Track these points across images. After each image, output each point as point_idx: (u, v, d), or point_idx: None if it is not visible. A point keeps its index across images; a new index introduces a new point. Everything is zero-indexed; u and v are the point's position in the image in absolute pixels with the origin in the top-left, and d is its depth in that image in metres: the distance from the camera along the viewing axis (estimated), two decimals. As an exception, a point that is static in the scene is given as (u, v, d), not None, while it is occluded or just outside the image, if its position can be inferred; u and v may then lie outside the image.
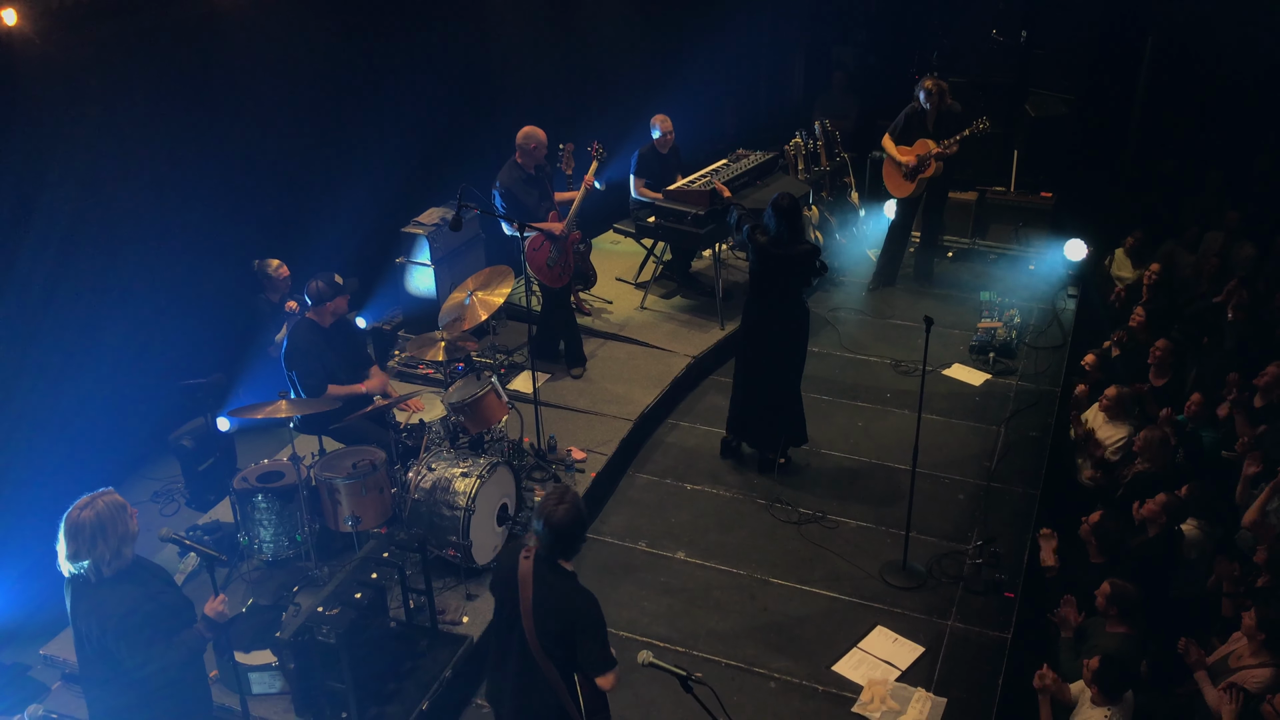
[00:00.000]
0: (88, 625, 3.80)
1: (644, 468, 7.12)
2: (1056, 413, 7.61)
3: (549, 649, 3.87)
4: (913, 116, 8.76)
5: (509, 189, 7.23)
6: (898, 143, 8.84)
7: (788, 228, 6.29)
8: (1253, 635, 4.76)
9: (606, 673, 3.87)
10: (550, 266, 7.32)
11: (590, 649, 3.84)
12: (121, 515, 3.79)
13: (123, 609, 3.77)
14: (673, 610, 5.88)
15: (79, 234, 6.13)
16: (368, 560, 5.22)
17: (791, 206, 6.30)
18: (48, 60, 5.74)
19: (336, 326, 6.12)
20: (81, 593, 3.81)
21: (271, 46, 7.18)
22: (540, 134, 7.24)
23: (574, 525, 3.88)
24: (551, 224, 7.28)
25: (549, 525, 3.85)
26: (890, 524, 6.44)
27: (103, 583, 3.79)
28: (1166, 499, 5.54)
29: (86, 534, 3.71)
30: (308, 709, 4.93)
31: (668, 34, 10.81)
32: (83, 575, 3.78)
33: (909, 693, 5.29)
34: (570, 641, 3.85)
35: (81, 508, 3.75)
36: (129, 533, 3.81)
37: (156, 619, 3.86)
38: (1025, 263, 9.71)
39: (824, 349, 8.46)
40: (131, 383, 6.43)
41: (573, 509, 3.88)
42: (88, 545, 3.72)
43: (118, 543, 3.76)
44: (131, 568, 3.90)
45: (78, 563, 3.75)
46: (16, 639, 5.58)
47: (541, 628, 3.85)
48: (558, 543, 3.88)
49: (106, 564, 3.76)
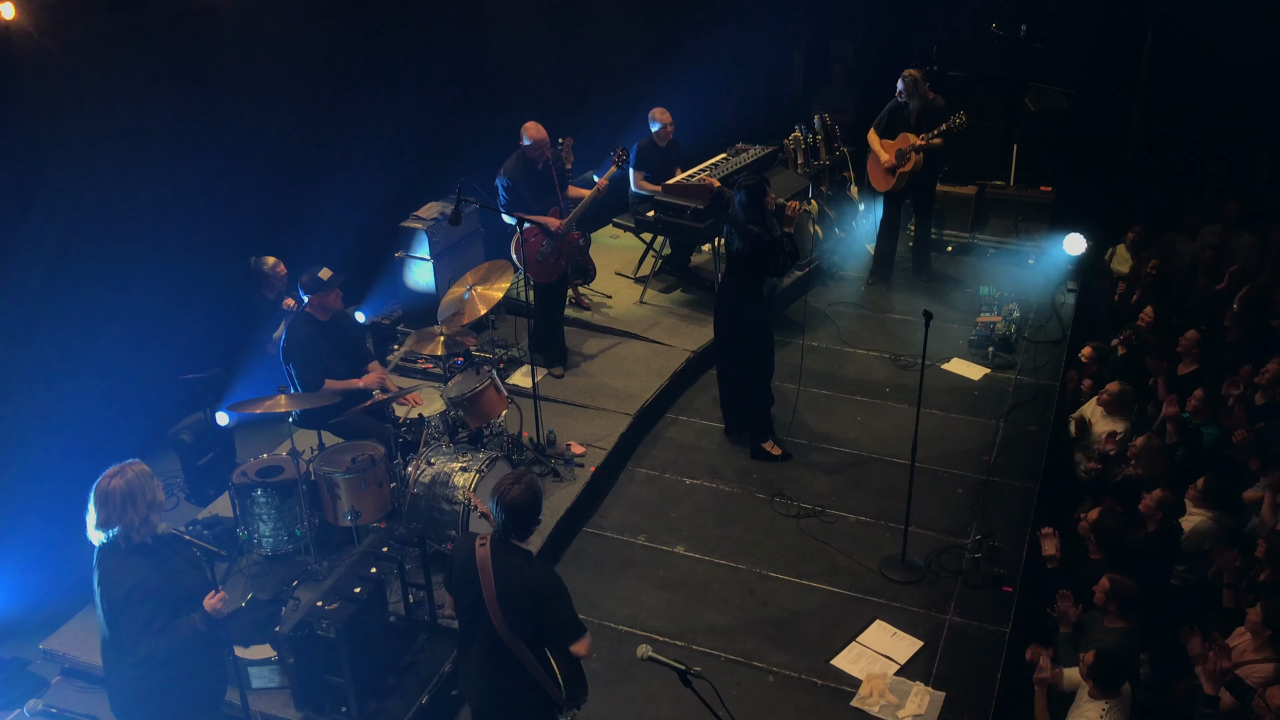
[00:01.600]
0: (104, 590, 3.91)
1: (643, 462, 7.12)
2: (1055, 407, 7.61)
3: (517, 629, 3.93)
4: (895, 110, 8.76)
5: (513, 181, 7.19)
6: (882, 137, 8.84)
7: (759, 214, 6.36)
8: (1258, 631, 4.75)
9: (579, 640, 3.97)
10: (540, 261, 7.28)
11: (559, 619, 3.94)
12: (149, 484, 3.91)
13: (133, 580, 3.86)
14: (672, 604, 5.89)
15: (77, 229, 6.13)
16: (367, 555, 5.23)
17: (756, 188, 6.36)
18: (45, 55, 5.73)
19: (334, 321, 6.11)
20: (109, 560, 3.91)
21: (269, 41, 7.16)
22: (542, 132, 7.17)
23: (528, 504, 3.98)
24: (550, 219, 7.27)
25: (503, 503, 3.95)
26: (889, 518, 6.45)
27: (131, 549, 3.90)
28: (1164, 495, 5.55)
29: (116, 501, 3.83)
30: (307, 703, 4.93)
31: (667, 27, 10.78)
32: (112, 543, 3.89)
33: (908, 687, 5.30)
34: (538, 618, 3.93)
35: (111, 476, 3.86)
36: (156, 501, 3.93)
37: (164, 598, 3.92)
38: (1025, 257, 9.70)
39: (823, 343, 8.46)
40: (130, 378, 6.42)
41: (528, 489, 3.98)
42: (118, 512, 3.83)
43: (146, 509, 3.88)
44: (158, 543, 4.00)
45: (108, 530, 3.86)
46: (16, 634, 5.60)
47: (507, 609, 3.92)
48: (512, 521, 3.97)
49: (136, 530, 3.87)
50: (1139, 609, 4.96)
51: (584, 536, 6.42)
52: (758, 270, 6.47)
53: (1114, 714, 4.53)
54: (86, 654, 5.33)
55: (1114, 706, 4.55)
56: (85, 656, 5.32)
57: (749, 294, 6.55)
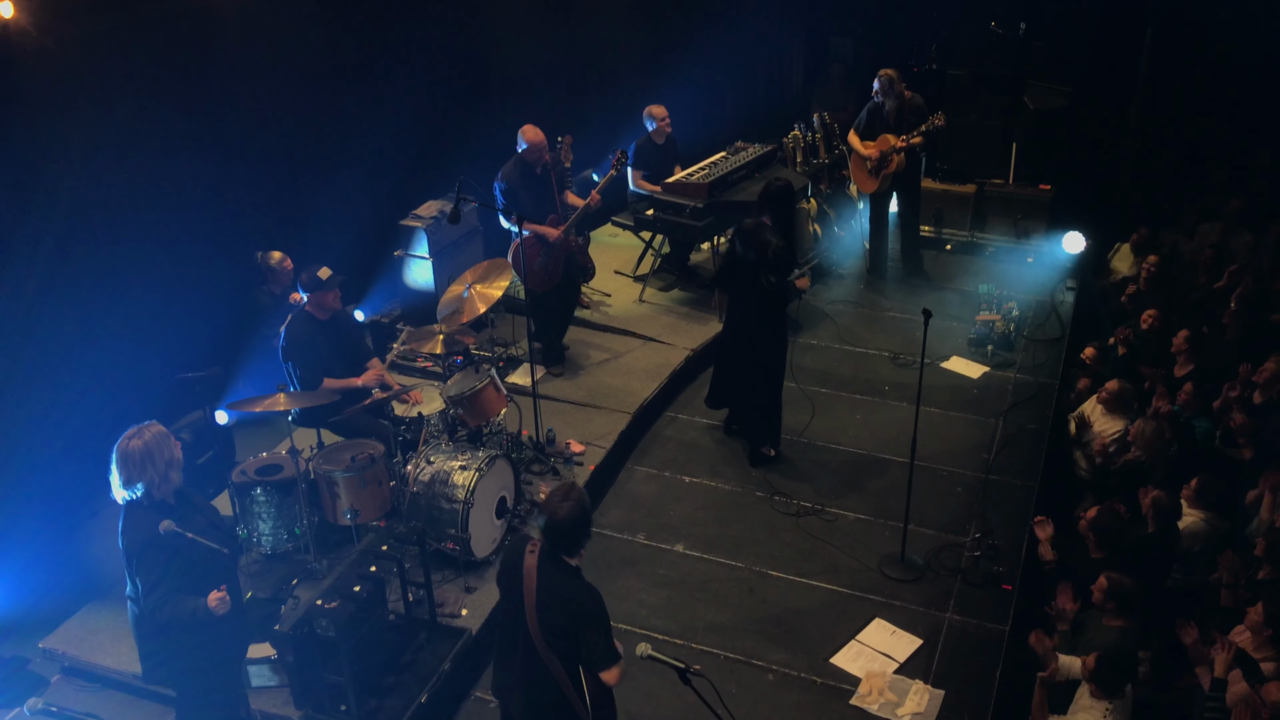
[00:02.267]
0: (126, 544, 4.11)
1: (643, 460, 7.12)
2: (1055, 405, 7.61)
3: (552, 643, 3.88)
4: (873, 111, 8.76)
5: (510, 185, 7.15)
6: (862, 139, 8.84)
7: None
8: (1259, 630, 4.74)
9: (611, 667, 3.88)
10: (537, 269, 7.26)
11: (594, 643, 3.85)
12: (166, 443, 4.14)
13: (149, 535, 4.03)
14: (671, 603, 5.89)
15: (76, 227, 6.11)
16: (366, 553, 5.23)
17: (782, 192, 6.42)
18: (44, 53, 5.72)
19: (334, 320, 6.11)
20: (132, 515, 4.12)
21: (268, 38, 7.15)
22: (539, 133, 7.14)
23: (577, 523, 3.89)
24: (549, 229, 7.21)
25: (552, 522, 3.86)
26: (888, 516, 6.45)
27: (154, 505, 4.11)
28: (1159, 496, 5.55)
29: (136, 460, 4.05)
30: (307, 701, 4.93)
31: (666, 25, 10.77)
32: (136, 500, 4.11)
33: (907, 685, 5.30)
34: (574, 636, 3.86)
35: (130, 437, 4.09)
36: (175, 459, 4.15)
37: (183, 555, 4.06)
38: (1024, 255, 9.70)
39: (822, 342, 8.47)
40: (129, 376, 6.42)
41: (577, 506, 3.89)
42: (138, 470, 4.05)
43: (165, 467, 4.10)
44: (179, 501, 4.21)
45: (131, 488, 4.08)
46: (16, 632, 5.60)
47: (545, 622, 3.86)
48: (561, 539, 3.89)
49: (157, 487, 4.09)
50: (1137, 607, 4.96)
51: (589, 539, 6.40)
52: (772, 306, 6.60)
53: (1116, 715, 4.53)
54: (86, 653, 5.33)
55: (1117, 708, 4.54)
56: (85, 655, 5.32)
57: (780, 309, 6.69)
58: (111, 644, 5.33)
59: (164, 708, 5.12)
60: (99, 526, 6.21)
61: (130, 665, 5.18)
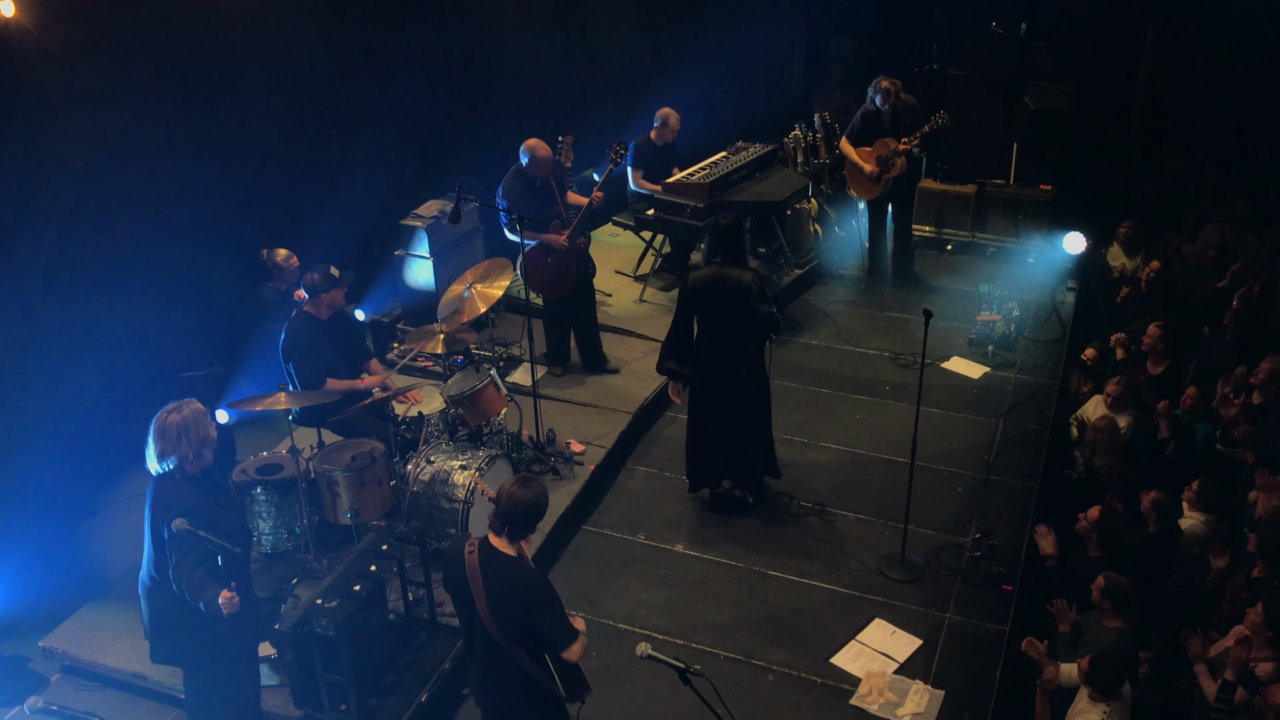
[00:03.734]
0: (153, 514, 4.24)
1: (643, 460, 7.12)
2: (1055, 406, 7.61)
3: (513, 634, 3.93)
4: (869, 117, 8.69)
5: (512, 200, 7.04)
6: (856, 144, 8.78)
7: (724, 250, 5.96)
8: (1259, 631, 4.74)
9: (571, 645, 3.94)
10: (547, 279, 7.25)
11: (550, 625, 3.91)
12: (203, 421, 4.30)
13: (182, 505, 4.16)
14: (671, 602, 5.89)
15: (77, 226, 6.12)
16: (367, 553, 5.23)
17: (731, 228, 6.00)
18: (46, 51, 5.73)
19: (334, 319, 6.11)
20: (162, 486, 4.27)
21: (270, 37, 7.15)
22: (545, 148, 7.04)
23: (535, 508, 3.96)
24: (553, 236, 7.15)
25: (512, 501, 3.93)
26: (888, 516, 6.45)
27: (185, 479, 4.26)
28: (1158, 497, 5.55)
29: (173, 434, 4.20)
30: (307, 701, 4.94)
31: (667, 25, 10.78)
32: (168, 473, 4.25)
33: (907, 685, 5.30)
34: (530, 623, 3.91)
35: (169, 412, 4.25)
36: (209, 436, 4.31)
37: (196, 541, 4.12)
38: (1024, 256, 9.70)
39: (823, 342, 8.47)
40: (130, 374, 6.42)
41: (540, 492, 3.97)
42: (174, 444, 4.20)
43: (199, 444, 4.25)
44: (206, 478, 4.34)
45: (165, 461, 4.22)
46: (16, 631, 5.60)
47: (499, 615, 3.91)
48: (514, 522, 3.95)
49: (190, 462, 4.24)
50: (1135, 608, 4.96)
51: (583, 535, 6.42)
52: (759, 329, 6.13)
53: (1115, 717, 4.53)
54: (86, 651, 5.33)
55: (1115, 710, 4.54)
56: (85, 654, 5.33)
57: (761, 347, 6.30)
58: (112, 643, 5.34)
59: (165, 707, 5.13)
60: (99, 525, 6.23)
61: (131, 664, 5.20)
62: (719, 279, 5.97)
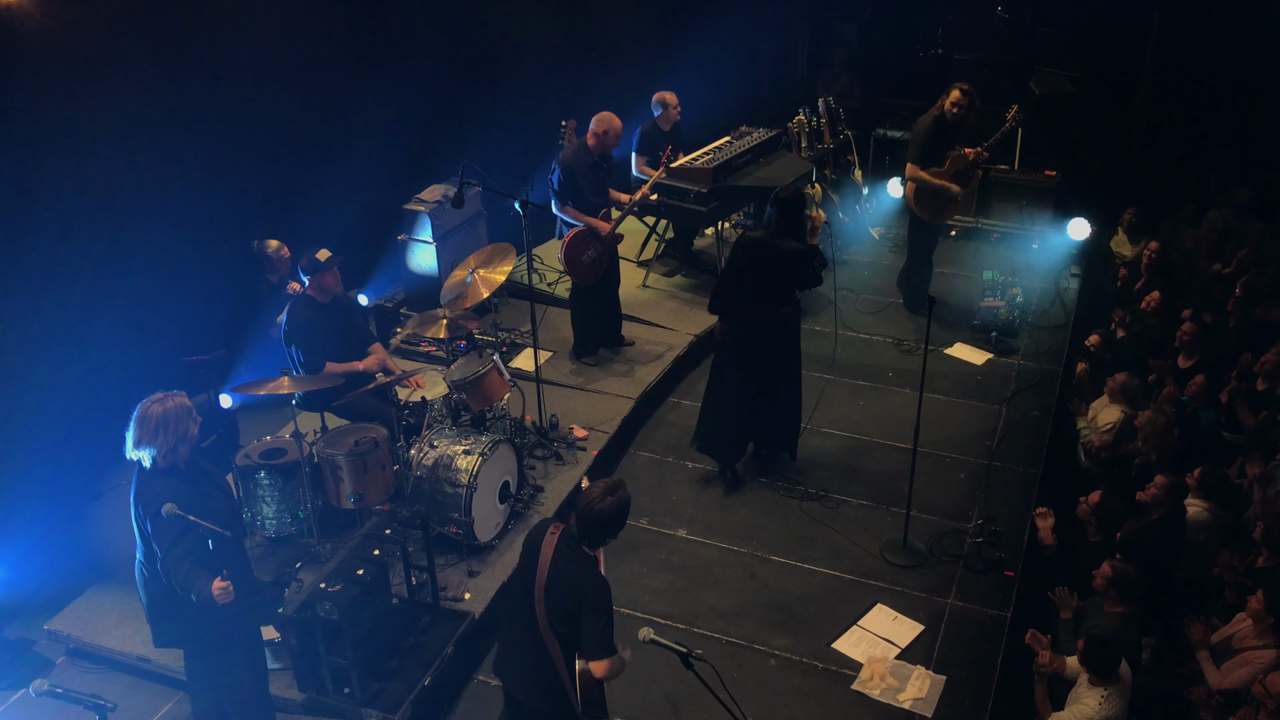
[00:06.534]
0: (137, 508, 4.18)
1: (646, 446, 7.13)
2: (1058, 392, 7.61)
3: (555, 626, 3.91)
4: (941, 130, 7.89)
5: (571, 170, 7.04)
6: (924, 165, 7.96)
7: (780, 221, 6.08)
8: (1260, 618, 4.74)
9: (602, 658, 3.89)
10: (586, 264, 7.25)
11: (591, 629, 3.88)
12: (185, 417, 4.17)
13: (167, 498, 4.05)
14: (674, 587, 5.91)
15: (77, 211, 6.11)
16: (370, 537, 5.24)
17: (793, 200, 6.12)
18: (45, 36, 5.71)
19: (336, 304, 6.10)
20: (142, 477, 4.20)
21: (269, 21, 7.13)
22: (618, 124, 7.05)
23: (613, 519, 3.97)
24: (600, 222, 7.17)
25: (589, 511, 3.93)
26: (891, 502, 6.46)
27: (156, 471, 4.16)
28: (1168, 480, 5.54)
29: (150, 425, 4.09)
30: (310, 685, 4.96)
31: (670, 9, 10.73)
32: (149, 468, 4.16)
33: (908, 670, 5.32)
34: (575, 620, 3.89)
35: (153, 401, 4.14)
36: (188, 434, 4.17)
37: (185, 529, 4.06)
38: (1028, 242, 9.68)
39: (826, 328, 8.44)
40: (133, 359, 6.43)
41: (618, 504, 3.96)
42: (149, 435, 4.10)
43: (175, 440, 4.13)
44: (191, 467, 4.24)
45: (139, 448, 4.13)
46: (21, 614, 5.62)
47: (551, 603, 3.91)
48: (590, 529, 3.97)
49: (162, 456, 4.13)
50: (1139, 595, 4.96)
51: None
52: (801, 284, 6.32)
53: (1113, 701, 4.54)
54: (91, 634, 5.36)
55: (1113, 694, 4.55)
56: (90, 637, 5.35)
57: (797, 307, 6.42)
58: (116, 626, 5.36)
59: (169, 689, 5.15)
60: (103, 509, 6.24)
61: (135, 647, 5.22)
62: (769, 247, 6.12)
